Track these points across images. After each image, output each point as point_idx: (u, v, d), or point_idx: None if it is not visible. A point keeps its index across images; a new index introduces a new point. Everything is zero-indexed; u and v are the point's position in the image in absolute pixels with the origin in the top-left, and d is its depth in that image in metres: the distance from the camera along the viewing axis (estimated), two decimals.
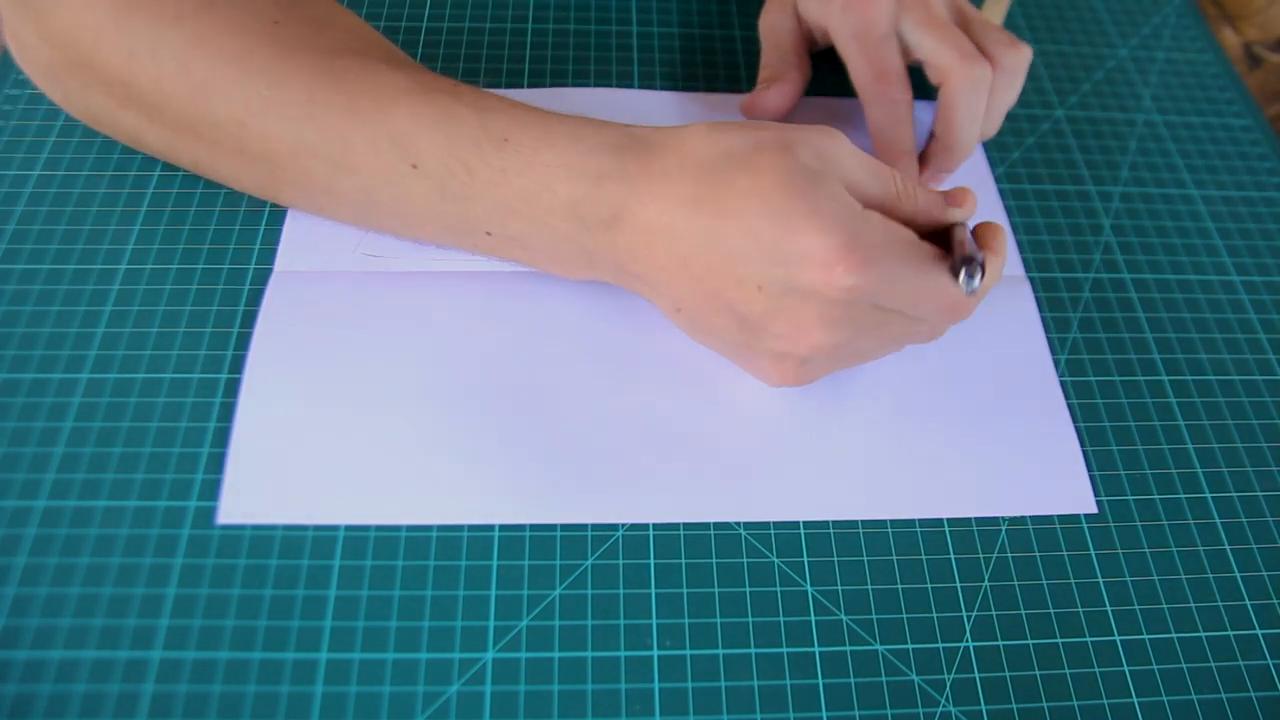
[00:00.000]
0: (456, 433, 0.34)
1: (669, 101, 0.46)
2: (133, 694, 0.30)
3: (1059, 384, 0.38)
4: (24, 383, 0.35)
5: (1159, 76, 0.50)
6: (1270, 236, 0.44)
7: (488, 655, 0.31)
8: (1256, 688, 0.32)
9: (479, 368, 0.36)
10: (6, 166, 0.41)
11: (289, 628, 0.31)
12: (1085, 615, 0.33)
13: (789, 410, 0.36)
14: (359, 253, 0.39)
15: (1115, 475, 0.36)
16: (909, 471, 0.35)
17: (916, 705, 0.31)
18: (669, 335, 0.37)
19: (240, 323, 0.37)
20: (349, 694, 0.30)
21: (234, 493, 0.33)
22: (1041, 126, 0.47)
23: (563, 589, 0.32)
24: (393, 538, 0.33)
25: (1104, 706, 0.31)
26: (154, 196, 0.40)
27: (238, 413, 0.34)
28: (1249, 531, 0.35)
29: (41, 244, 0.39)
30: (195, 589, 0.31)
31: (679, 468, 0.35)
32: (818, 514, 0.34)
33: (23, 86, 0.44)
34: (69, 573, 0.31)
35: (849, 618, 0.32)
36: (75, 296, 0.37)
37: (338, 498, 0.33)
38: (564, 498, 0.34)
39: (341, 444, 0.34)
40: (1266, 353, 0.40)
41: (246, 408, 0.35)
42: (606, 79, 0.47)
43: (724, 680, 0.31)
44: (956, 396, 0.37)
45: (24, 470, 0.33)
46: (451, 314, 0.37)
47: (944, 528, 0.34)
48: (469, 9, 0.49)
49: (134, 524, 0.32)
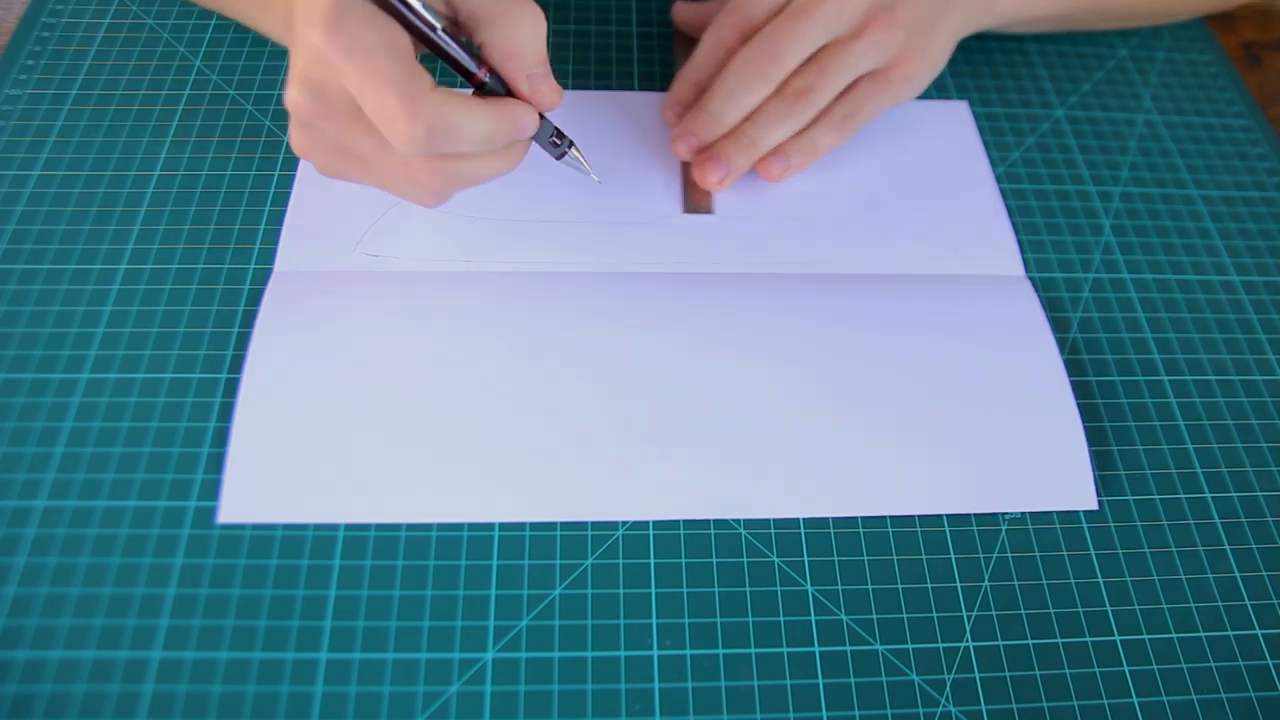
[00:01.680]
0: (456, 432, 0.34)
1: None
2: (133, 694, 0.30)
3: (1066, 376, 0.38)
4: (24, 383, 0.35)
5: (1159, 76, 0.50)
6: (1270, 236, 0.44)
7: (488, 655, 0.31)
8: (1256, 688, 0.32)
9: (479, 368, 0.36)
10: (6, 166, 0.41)
11: (289, 628, 0.31)
12: (1085, 615, 0.33)
13: (789, 409, 0.36)
14: (359, 253, 0.39)
15: (1115, 475, 0.36)
16: (911, 467, 0.35)
17: (916, 705, 0.31)
18: (669, 335, 0.37)
19: (240, 323, 0.37)
20: (349, 694, 0.30)
21: (234, 492, 0.33)
22: (1041, 126, 0.47)
23: (563, 589, 0.32)
24: (393, 538, 0.33)
25: (1104, 706, 0.31)
26: (154, 196, 0.40)
27: (237, 412, 0.34)
28: (1249, 531, 0.35)
29: (41, 244, 0.39)
30: (195, 589, 0.31)
31: (679, 467, 0.35)
32: (820, 510, 0.34)
33: (22, 87, 0.44)
34: (69, 573, 0.31)
35: (849, 617, 0.32)
36: (75, 296, 0.37)
37: (338, 497, 0.33)
38: (564, 498, 0.34)
39: (341, 443, 0.34)
40: (1266, 353, 0.40)
41: (246, 407, 0.34)
42: (606, 79, 0.47)
43: (724, 680, 0.31)
44: (959, 393, 0.37)
45: (24, 470, 0.33)
46: (451, 314, 0.37)
47: (944, 527, 0.34)
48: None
49: (134, 524, 0.32)
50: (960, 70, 0.49)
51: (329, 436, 0.34)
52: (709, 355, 0.37)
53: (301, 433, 0.34)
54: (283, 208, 0.40)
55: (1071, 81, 0.49)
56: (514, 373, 0.36)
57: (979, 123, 0.47)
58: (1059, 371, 0.38)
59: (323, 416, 0.34)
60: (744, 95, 0.40)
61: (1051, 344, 0.39)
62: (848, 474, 0.35)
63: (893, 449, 0.36)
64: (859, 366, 0.37)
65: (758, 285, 0.40)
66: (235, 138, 0.43)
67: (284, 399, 0.35)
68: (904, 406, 0.37)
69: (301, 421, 0.34)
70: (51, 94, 0.43)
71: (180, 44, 0.46)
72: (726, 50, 0.41)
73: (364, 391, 0.35)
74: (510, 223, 0.41)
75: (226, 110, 0.44)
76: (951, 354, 0.38)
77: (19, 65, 0.44)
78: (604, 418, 0.35)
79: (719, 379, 0.37)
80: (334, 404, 0.35)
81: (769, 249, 0.41)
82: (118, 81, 0.44)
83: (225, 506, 0.33)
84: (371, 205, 0.40)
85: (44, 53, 0.45)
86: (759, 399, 0.36)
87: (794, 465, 0.35)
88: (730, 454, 0.35)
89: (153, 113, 0.43)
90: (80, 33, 0.46)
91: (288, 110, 0.32)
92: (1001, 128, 0.47)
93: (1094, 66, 0.50)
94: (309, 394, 0.35)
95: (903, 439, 0.36)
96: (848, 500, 0.34)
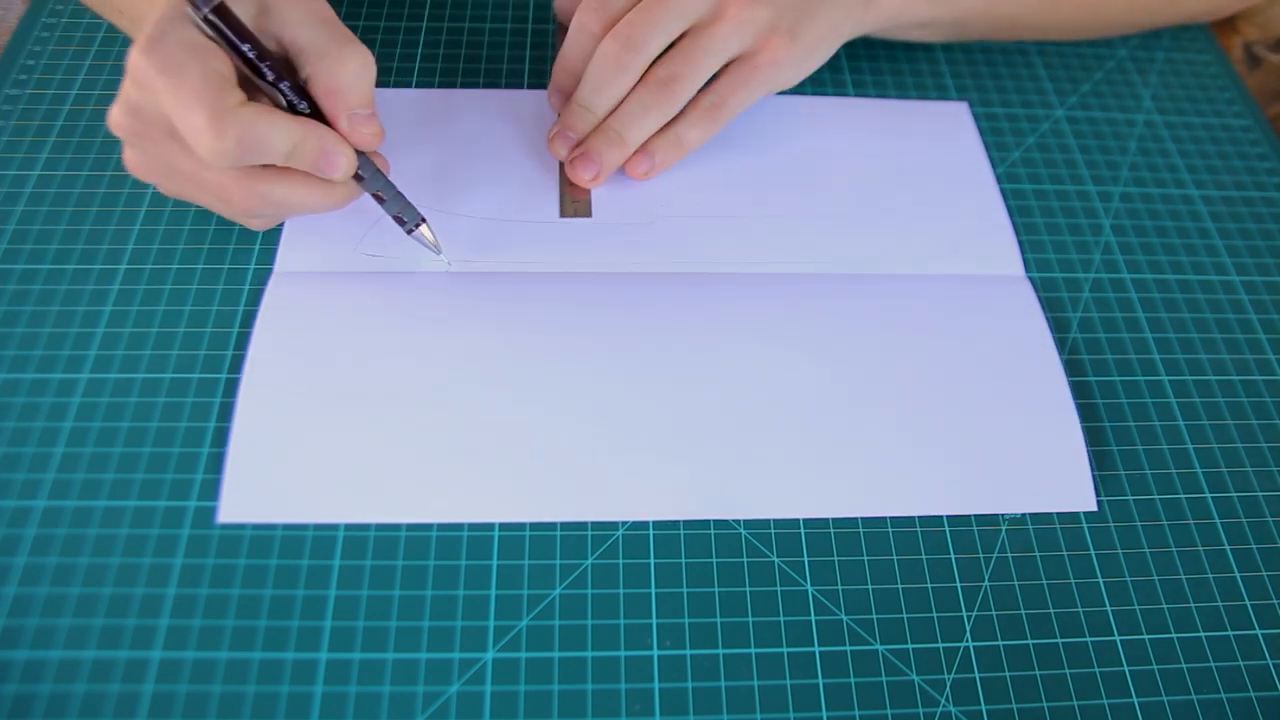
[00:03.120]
0: (456, 432, 0.34)
1: None
2: (133, 694, 0.30)
3: (1065, 378, 0.38)
4: (24, 383, 0.35)
5: (1159, 76, 0.50)
6: (1270, 236, 0.44)
7: (488, 655, 0.31)
8: (1256, 688, 0.32)
9: (479, 368, 0.36)
10: (6, 166, 0.41)
11: (289, 628, 0.31)
12: (1085, 615, 0.33)
13: (788, 409, 0.36)
14: (359, 252, 0.39)
15: (1115, 475, 0.36)
16: (910, 468, 0.35)
17: (916, 705, 0.31)
18: (669, 335, 0.37)
19: (240, 323, 0.37)
20: (349, 694, 0.30)
21: (234, 492, 0.33)
22: (1041, 126, 0.47)
23: (563, 589, 0.32)
24: (393, 538, 0.33)
25: (1104, 706, 0.31)
26: (154, 196, 0.40)
27: (237, 412, 0.34)
28: (1249, 531, 0.35)
29: (41, 244, 0.39)
30: (195, 589, 0.31)
31: (679, 467, 0.35)
32: (819, 511, 0.34)
33: (22, 87, 0.44)
34: (69, 573, 0.31)
35: (849, 617, 0.32)
36: (75, 296, 0.37)
37: (338, 497, 0.33)
38: (564, 498, 0.34)
39: (341, 443, 0.34)
40: (1266, 353, 0.40)
41: (246, 407, 0.34)
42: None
43: (724, 680, 0.31)
44: (958, 394, 0.37)
45: (24, 470, 0.33)
46: (452, 314, 0.37)
47: (944, 528, 0.34)
48: (469, 9, 0.49)
49: (134, 524, 0.32)
50: (960, 70, 0.49)
51: (329, 436, 0.34)
52: (710, 356, 0.37)
53: (302, 432, 0.34)
54: None
55: (1071, 81, 0.49)
56: (514, 373, 0.36)
57: (979, 123, 0.47)
58: (1058, 373, 0.38)
59: (323, 416, 0.34)
60: (608, 87, 0.39)
61: (1051, 346, 0.39)
62: (847, 474, 0.35)
63: (892, 449, 0.36)
64: (859, 366, 0.37)
65: (759, 286, 0.40)
66: None
67: (284, 399, 0.35)
68: (903, 407, 0.37)
69: (301, 422, 0.34)
70: (51, 94, 0.43)
71: None
72: (590, 38, 0.39)
73: (363, 392, 0.35)
74: (511, 223, 0.41)
75: None
76: (951, 354, 0.38)
77: (19, 65, 0.44)
78: (604, 418, 0.35)
79: (720, 379, 0.37)
80: (334, 404, 0.35)
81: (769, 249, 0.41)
82: (118, 82, 0.44)
83: (225, 506, 0.33)
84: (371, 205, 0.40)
85: (44, 53, 0.45)
86: (759, 399, 0.36)
87: (793, 466, 0.35)
88: (731, 454, 0.35)
89: None
90: (80, 33, 0.46)
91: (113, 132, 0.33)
92: (1001, 128, 0.47)
93: (1094, 66, 0.50)
94: (309, 394, 0.35)
95: (902, 439, 0.36)
96: (847, 500, 0.34)
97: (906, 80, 0.48)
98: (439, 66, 0.46)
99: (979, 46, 0.50)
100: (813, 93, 0.47)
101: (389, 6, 0.49)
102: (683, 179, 0.43)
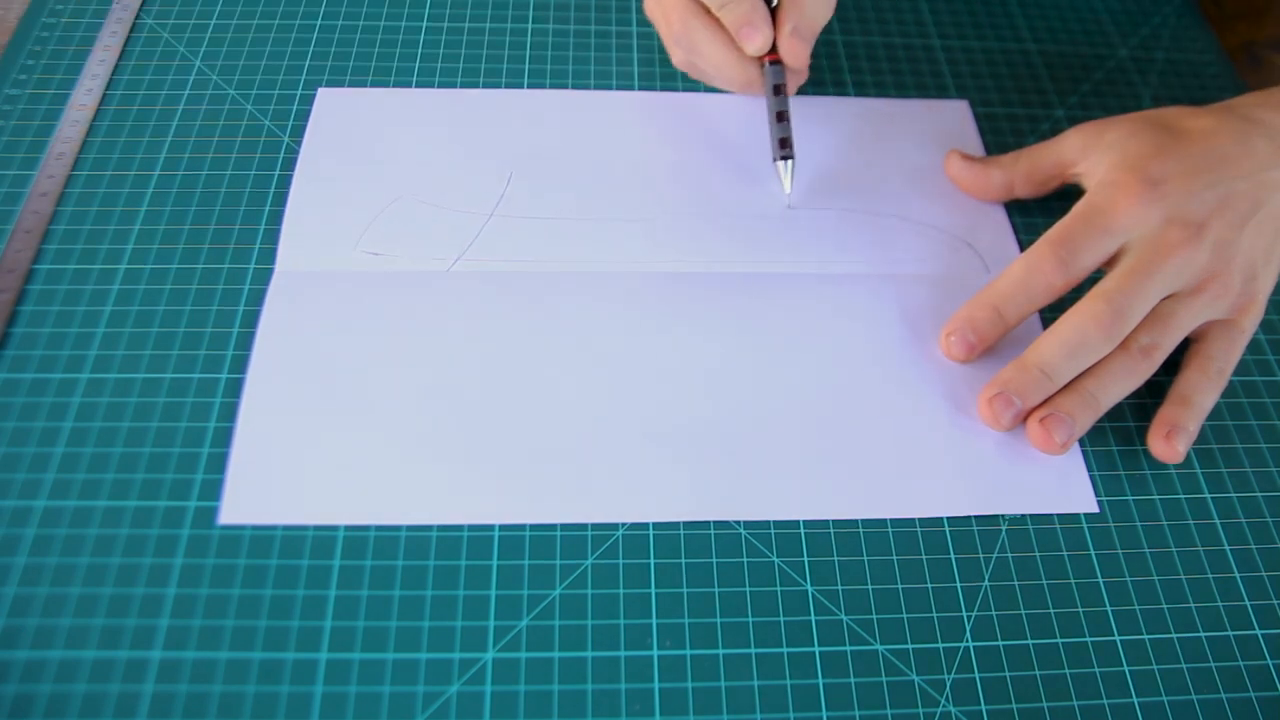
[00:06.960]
0: (457, 433, 0.34)
1: (668, 101, 0.46)
2: (133, 694, 0.30)
3: None
4: (24, 383, 0.35)
5: (1159, 76, 0.50)
6: None
7: (488, 655, 0.31)
8: (1256, 688, 0.32)
9: (479, 368, 0.36)
10: (6, 166, 0.41)
11: (289, 628, 0.31)
12: (1085, 615, 0.33)
13: (789, 410, 0.36)
14: (359, 252, 0.39)
15: (1115, 475, 0.36)
16: (910, 470, 0.35)
17: (916, 705, 0.31)
18: (670, 335, 0.37)
19: (240, 323, 0.37)
20: (349, 694, 0.30)
21: (236, 493, 0.33)
22: (1041, 126, 0.47)
23: (563, 589, 0.32)
24: (393, 538, 0.33)
25: (1104, 706, 0.31)
26: (154, 196, 0.40)
27: (240, 413, 0.34)
28: (1249, 531, 0.35)
29: (41, 244, 0.39)
30: (195, 589, 0.31)
31: (679, 468, 0.35)
32: (819, 513, 0.34)
33: (22, 87, 0.44)
34: (69, 573, 0.31)
35: (849, 617, 0.32)
36: (75, 296, 0.37)
37: (338, 498, 0.33)
38: (564, 498, 0.34)
39: (342, 444, 0.34)
40: (1266, 353, 0.40)
41: (249, 408, 0.35)
42: (606, 79, 0.47)
43: (724, 680, 0.31)
44: (958, 396, 0.37)
45: (24, 470, 0.33)
46: (451, 314, 0.37)
47: (944, 528, 0.34)
48: (469, 9, 0.49)
49: (134, 524, 0.32)
50: (960, 70, 0.49)
51: (330, 437, 0.34)
52: (710, 356, 0.37)
53: (303, 433, 0.34)
54: (282, 208, 0.40)
55: (1071, 81, 0.49)
56: (515, 373, 0.36)
57: (979, 123, 0.47)
58: None
59: (324, 417, 0.34)
60: (1089, 354, 0.36)
61: None
62: (848, 476, 0.35)
63: (891, 450, 0.36)
64: (859, 367, 0.37)
65: (759, 286, 0.40)
66: (235, 138, 0.43)
67: (286, 399, 0.35)
68: (904, 407, 0.37)
69: (303, 422, 0.34)
70: (51, 94, 0.43)
71: (180, 44, 0.46)
72: (1048, 290, 0.37)
73: (365, 392, 0.35)
74: (512, 220, 0.41)
75: (226, 110, 0.44)
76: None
77: (19, 65, 0.44)
78: (605, 419, 0.35)
79: (720, 380, 0.37)
80: (335, 404, 0.35)
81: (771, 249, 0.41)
82: (118, 81, 0.44)
83: (227, 507, 0.33)
84: (372, 205, 0.40)
85: (44, 53, 0.45)
86: (759, 399, 0.36)
87: (793, 467, 0.35)
88: (731, 454, 0.35)
89: (153, 113, 0.43)
90: (80, 33, 0.46)
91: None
92: (1001, 128, 0.47)
93: (1094, 66, 0.50)
94: (311, 395, 0.35)
95: (901, 440, 0.36)
96: (848, 502, 0.34)
97: (906, 80, 0.48)
98: (439, 66, 0.46)
99: (979, 46, 0.50)
100: (813, 93, 0.47)
101: (389, 6, 0.49)
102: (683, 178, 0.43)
